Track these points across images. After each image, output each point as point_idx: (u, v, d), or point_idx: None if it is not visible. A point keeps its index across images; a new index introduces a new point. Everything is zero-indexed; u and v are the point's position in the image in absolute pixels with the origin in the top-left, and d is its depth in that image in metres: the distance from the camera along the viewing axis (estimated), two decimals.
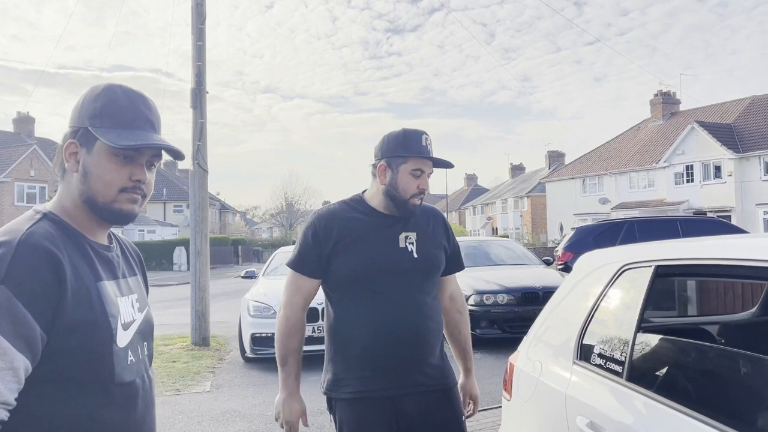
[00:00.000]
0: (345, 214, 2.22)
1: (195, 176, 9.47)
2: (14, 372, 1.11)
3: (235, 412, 5.72)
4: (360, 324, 2.13)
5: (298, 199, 69.48)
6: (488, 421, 5.01)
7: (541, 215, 47.27)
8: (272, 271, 9.36)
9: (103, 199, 1.31)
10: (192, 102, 9.41)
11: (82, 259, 1.27)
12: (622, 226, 12.90)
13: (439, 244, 2.28)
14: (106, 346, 1.25)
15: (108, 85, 1.36)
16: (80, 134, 1.31)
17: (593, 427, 1.89)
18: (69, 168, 1.32)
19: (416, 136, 2.19)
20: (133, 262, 1.51)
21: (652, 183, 36.42)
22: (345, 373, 2.15)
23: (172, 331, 10.39)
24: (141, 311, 1.42)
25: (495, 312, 8.29)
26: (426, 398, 2.15)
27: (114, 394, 1.27)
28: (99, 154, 1.30)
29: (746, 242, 1.98)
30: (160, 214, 51.69)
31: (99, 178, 1.30)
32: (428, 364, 2.17)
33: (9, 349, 1.10)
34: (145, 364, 1.40)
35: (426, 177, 2.21)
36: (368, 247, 2.15)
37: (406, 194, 2.17)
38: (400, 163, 2.17)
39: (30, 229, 1.21)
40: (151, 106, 1.38)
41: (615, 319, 2.15)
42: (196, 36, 9.48)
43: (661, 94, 40.83)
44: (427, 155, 2.18)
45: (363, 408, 2.10)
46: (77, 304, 1.20)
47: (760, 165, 30.88)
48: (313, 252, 2.18)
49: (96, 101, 1.33)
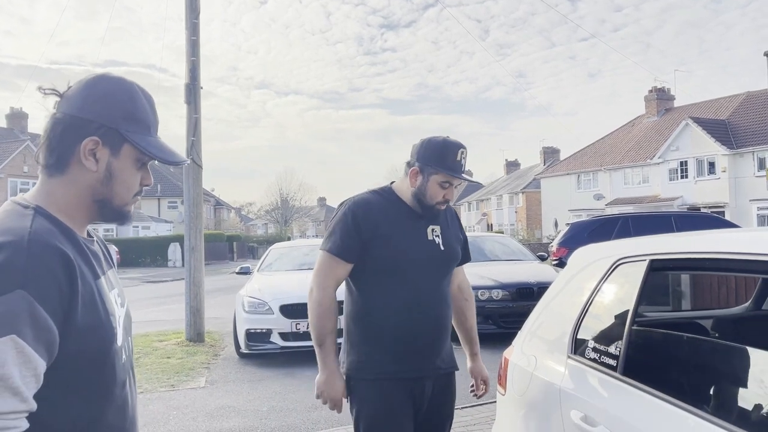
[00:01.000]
0: (379, 203, 2.33)
1: (189, 172, 9.44)
2: (37, 379, 1.08)
3: (229, 407, 5.72)
4: (390, 311, 2.24)
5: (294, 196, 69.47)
6: (483, 415, 5.02)
7: (536, 211, 47.38)
8: (267, 267, 9.36)
9: (120, 203, 1.30)
10: (186, 97, 9.37)
11: (81, 257, 1.21)
12: (616, 221, 12.95)
13: (456, 237, 2.44)
14: (110, 346, 1.22)
15: (130, 83, 1.31)
16: (103, 132, 1.24)
17: (587, 421, 1.89)
18: (88, 166, 1.24)
19: (453, 150, 2.28)
20: (106, 254, 1.43)
21: (647, 179, 36.53)
22: (371, 356, 2.26)
23: (167, 327, 10.37)
24: (122, 306, 1.37)
25: (490, 307, 8.32)
26: (439, 380, 2.34)
27: (115, 395, 1.25)
28: (126, 158, 1.27)
29: (740, 236, 1.99)
30: (154, 210, 51.58)
31: (123, 182, 1.28)
32: (445, 349, 2.35)
33: (33, 355, 1.06)
34: (131, 360, 1.37)
35: (453, 189, 2.34)
36: (403, 238, 2.27)
37: (433, 201, 2.31)
38: (432, 172, 2.28)
39: (33, 227, 1.14)
40: (155, 105, 1.37)
41: (609, 313, 2.15)
42: (190, 31, 9.44)
43: (656, 91, 40.94)
44: (458, 174, 2.28)
45: (386, 389, 2.23)
46: (85, 306, 1.16)
47: (754, 161, 31.01)
48: (354, 237, 2.26)
49: (131, 102, 1.28)
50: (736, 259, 1.69)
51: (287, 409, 5.60)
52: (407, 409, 2.26)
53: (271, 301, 7.62)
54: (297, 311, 7.49)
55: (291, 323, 7.45)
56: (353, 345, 2.32)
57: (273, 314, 7.51)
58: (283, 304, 7.54)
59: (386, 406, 2.24)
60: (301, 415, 5.40)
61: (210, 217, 57.37)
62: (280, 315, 7.48)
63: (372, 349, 2.27)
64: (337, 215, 2.35)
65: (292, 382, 6.57)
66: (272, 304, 7.58)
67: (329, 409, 2.31)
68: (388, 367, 2.24)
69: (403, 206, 2.34)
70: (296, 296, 7.64)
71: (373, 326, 2.28)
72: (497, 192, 57.11)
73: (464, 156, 2.31)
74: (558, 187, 42.79)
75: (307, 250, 10.02)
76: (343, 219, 2.29)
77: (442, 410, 2.39)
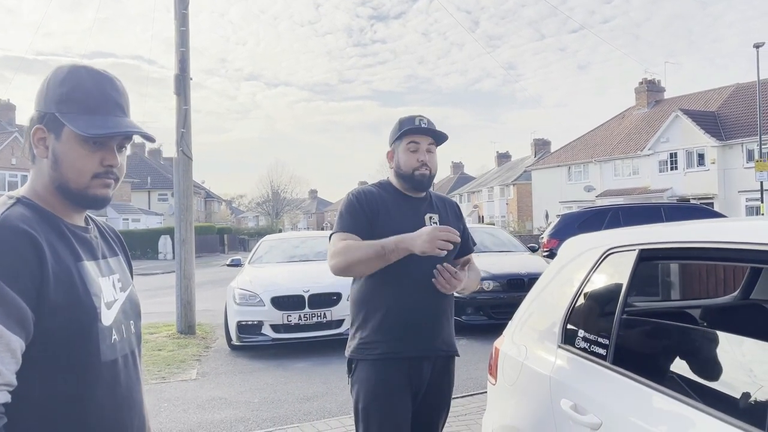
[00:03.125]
0: (378, 193, 2.44)
1: (179, 164, 9.39)
2: (12, 353, 1.12)
3: (221, 399, 5.72)
4: (388, 294, 2.32)
5: (285, 188, 69.20)
6: (474, 406, 5.05)
7: (527, 203, 47.50)
8: (258, 259, 9.34)
9: (76, 186, 1.29)
10: (176, 88, 9.30)
11: (60, 240, 1.26)
12: (606, 213, 12.99)
13: (455, 227, 2.43)
14: (91, 325, 1.25)
15: (73, 66, 1.32)
16: (47, 120, 1.28)
17: (577, 410, 1.90)
18: (38, 154, 1.30)
19: (409, 117, 2.43)
20: (114, 243, 1.50)
21: (637, 171, 36.68)
22: (372, 337, 2.33)
23: (158, 320, 10.33)
24: (123, 291, 1.41)
25: (481, 298, 8.34)
26: (437, 362, 2.40)
27: (100, 373, 1.27)
28: (69, 140, 1.28)
29: (729, 225, 2.00)
30: (144, 202, 51.27)
31: (70, 165, 1.28)
32: (443, 332, 2.40)
33: (3, 331, 1.11)
34: (131, 342, 1.39)
35: (424, 150, 2.40)
36: (398, 225, 2.32)
37: (409, 168, 2.39)
38: (399, 144, 2.43)
39: (4, 214, 1.21)
40: (119, 87, 1.35)
41: (599, 303, 2.17)
42: (179, 21, 9.36)
43: (646, 82, 41.05)
44: (416, 128, 2.38)
45: (385, 368, 2.30)
46: (59, 284, 1.20)
47: (743, 153, 31.20)
48: (360, 216, 2.36)
49: (62, 85, 1.29)
50: (724, 248, 1.70)
51: (279, 401, 5.61)
52: (404, 389, 2.31)
53: (262, 293, 7.61)
54: (288, 303, 7.49)
55: (282, 315, 7.45)
56: (356, 328, 2.40)
57: (264, 306, 7.51)
58: (274, 296, 7.54)
59: (383, 385, 2.29)
60: (293, 407, 5.41)
61: (201, 209, 57.13)
62: (271, 307, 7.48)
63: (372, 330, 2.33)
64: (343, 203, 2.46)
65: (283, 373, 6.58)
66: (263, 296, 7.57)
67: (446, 237, 2.11)
68: (385, 347, 2.31)
69: (399, 194, 2.45)
70: (287, 288, 7.65)
71: (373, 309, 2.35)
72: (488, 184, 57.20)
73: (423, 121, 2.41)
74: (549, 179, 42.90)
75: (297, 243, 10.01)
76: (348, 203, 2.42)
77: (439, 396, 2.43)
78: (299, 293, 7.56)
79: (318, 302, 7.53)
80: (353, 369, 2.39)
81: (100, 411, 1.27)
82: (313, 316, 7.50)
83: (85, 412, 1.25)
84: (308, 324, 7.52)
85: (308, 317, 7.50)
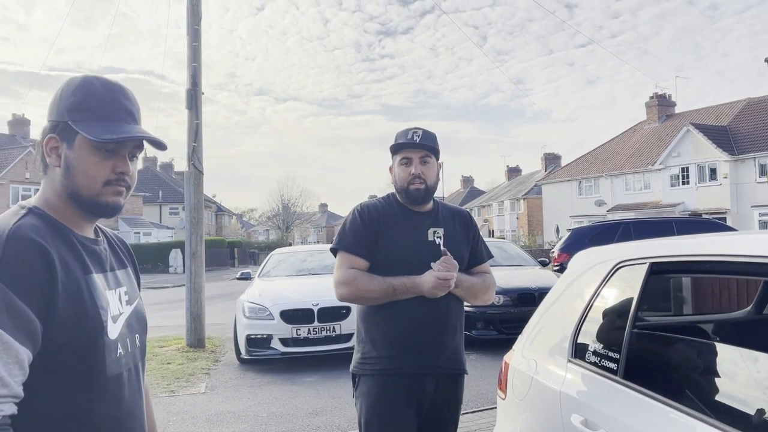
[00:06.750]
0: (383, 207, 2.45)
1: (190, 178, 9.45)
2: (20, 365, 1.12)
3: (230, 413, 5.70)
4: (389, 311, 2.30)
5: (295, 202, 69.34)
6: (484, 422, 5.00)
7: (537, 217, 47.31)
8: (267, 272, 9.34)
9: (88, 193, 1.30)
10: (187, 103, 9.38)
11: (69, 252, 1.26)
12: (617, 227, 12.92)
13: (463, 241, 2.47)
14: (98, 339, 1.25)
15: (85, 77, 1.35)
16: (60, 129, 1.30)
17: (588, 425, 1.88)
18: (51, 163, 1.31)
19: (404, 131, 2.44)
20: (123, 255, 1.51)
21: (648, 185, 36.48)
22: (374, 353, 2.33)
23: (168, 333, 10.35)
24: (130, 304, 1.41)
25: (491, 313, 8.29)
26: (441, 380, 2.35)
27: (105, 387, 1.27)
28: (81, 148, 1.29)
29: (740, 238, 1.98)
30: (155, 216, 51.54)
31: (83, 172, 1.29)
32: (447, 349, 2.35)
33: (12, 342, 1.11)
34: (135, 356, 1.39)
35: (417, 163, 2.38)
36: (402, 238, 2.35)
37: (404, 182, 2.39)
38: (395, 159, 2.45)
39: (16, 224, 1.21)
40: (131, 96, 1.37)
41: (610, 317, 2.14)
42: (191, 37, 9.46)
43: (657, 97, 40.95)
44: (404, 142, 2.38)
45: (386, 383, 2.29)
46: (68, 297, 1.20)
47: (755, 167, 30.97)
48: (363, 233, 2.37)
49: (74, 94, 1.31)
50: (736, 262, 1.68)
51: (287, 415, 5.58)
52: (406, 404, 2.29)
53: (272, 307, 7.60)
54: (297, 317, 7.48)
55: (291, 329, 7.44)
56: (360, 342, 2.40)
57: (273, 320, 7.50)
58: (283, 309, 7.53)
59: (384, 400, 2.29)
60: (301, 421, 5.38)
61: (211, 223, 57.34)
62: (280, 320, 7.46)
63: (373, 346, 2.33)
64: (347, 218, 2.48)
65: (292, 387, 6.56)
66: (273, 310, 7.56)
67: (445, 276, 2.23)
68: (385, 362, 2.30)
69: (403, 209, 2.45)
70: (296, 302, 7.64)
71: (374, 325, 2.35)
72: (498, 198, 57.06)
73: (418, 134, 2.40)
74: (559, 194, 42.76)
75: (306, 256, 10.01)
76: (353, 220, 2.42)
77: (445, 412, 2.39)
78: (308, 307, 7.54)
79: (327, 316, 7.50)
80: (356, 383, 2.39)
81: (103, 425, 1.26)
82: (322, 329, 7.48)
83: (89, 426, 1.24)
84: (317, 338, 7.49)
85: (317, 331, 7.48)
